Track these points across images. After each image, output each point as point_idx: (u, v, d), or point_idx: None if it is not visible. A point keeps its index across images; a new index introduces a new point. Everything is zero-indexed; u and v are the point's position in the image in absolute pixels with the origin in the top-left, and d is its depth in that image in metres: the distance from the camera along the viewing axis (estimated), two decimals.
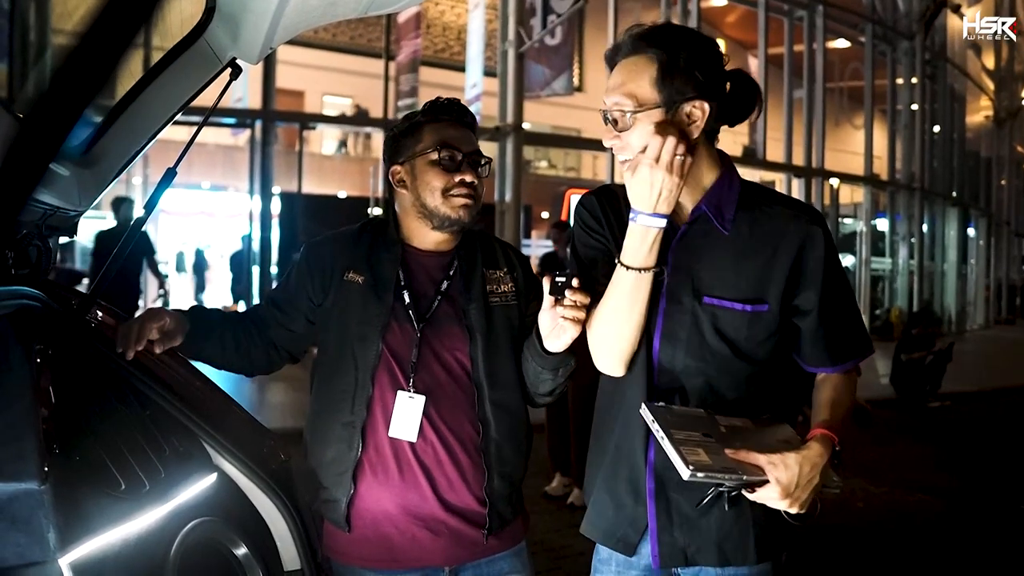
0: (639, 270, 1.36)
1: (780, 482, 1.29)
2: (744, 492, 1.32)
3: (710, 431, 1.33)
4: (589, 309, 1.41)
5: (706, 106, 1.37)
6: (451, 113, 1.68)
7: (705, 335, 1.40)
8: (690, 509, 1.42)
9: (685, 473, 1.25)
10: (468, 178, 1.63)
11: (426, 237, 1.68)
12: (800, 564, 1.53)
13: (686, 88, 1.36)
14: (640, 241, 1.36)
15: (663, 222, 1.35)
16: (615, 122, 1.39)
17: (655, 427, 1.31)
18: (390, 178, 1.70)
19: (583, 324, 1.42)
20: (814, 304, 1.42)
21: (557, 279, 1.38)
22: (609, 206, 1.49)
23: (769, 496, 1.31)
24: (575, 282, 1.38)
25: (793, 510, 1.32)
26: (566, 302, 1.38)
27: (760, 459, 1.31)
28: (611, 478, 1.48)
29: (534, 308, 1.45)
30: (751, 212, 1.43)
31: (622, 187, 1.51)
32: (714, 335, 1.40)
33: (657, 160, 1.32)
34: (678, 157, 1.32)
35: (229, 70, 1.67)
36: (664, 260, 1.40)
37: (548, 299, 1.39)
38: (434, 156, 1.63)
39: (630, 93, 1.37)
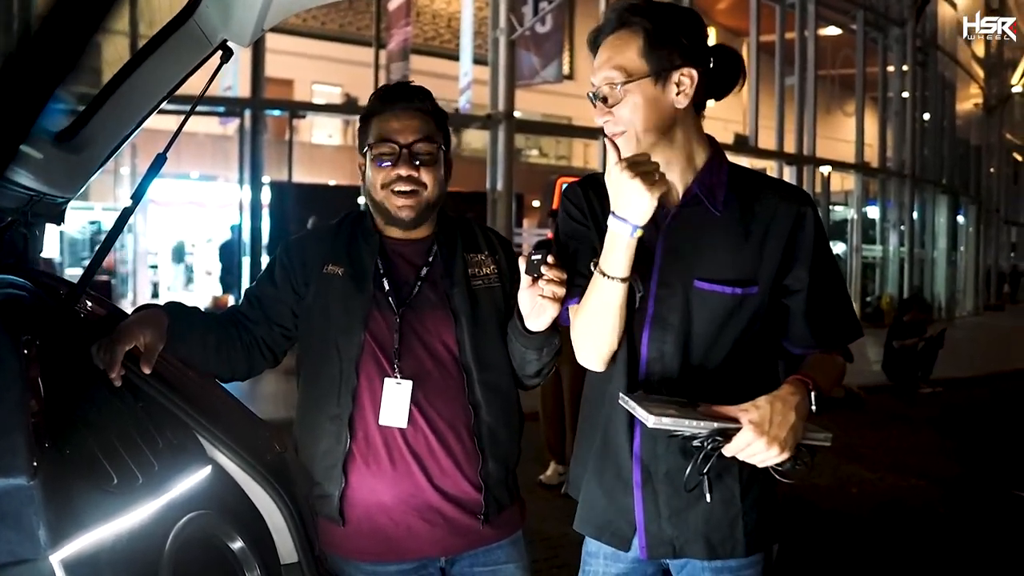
0: (610, 278, 1.34)
1: (752, 421, 1.24)
2: (723, 451, 1.26)
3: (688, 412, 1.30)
4: (568, 288, 1.40)
5: (694, 73, 1.37)
6: (397, 99, 1.65)
7: (694, 320, 1.39)
8: (678, 500, 1.40)
9: (649, 421, 1.23)
10: (403, 172, 1.61)
11: (391, 229, 1.67)
12: (795, 550, 1.50)
13: (673, 56, 1.36)
14: (610, 245, 1.34)
15: (629, 228, 1.31)
16: (604, 99, 1.38)
17: (629, 404, 1.30)
18: (359, 169, 1.70)
19: (563, 301, 1.41)
20: (804, 283, 1.41)
21: (532, 257, 1.36)
22: (595, 195, 1.48)
23: (745, 439, 1.24)
24: (550, 259, 1.36)
25: (774, 453, 1.24)
26: (543, 280, 1.37)
27: (731, 409, 1.28)
28: (600, 470, 1.47)
29: (519, 290, 1.44)
30: (741, 193, 1.43)
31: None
32: (703, 320, 1.39)
33: (627, 165, 1.29)
34: (651, 171, 1.30)
35: (220, 53, 1.63)
36: (651, 258, 1.38)
37: (526, 278, 1.38)
38: (374, 152, 1.62)
39: (618, 66, 1.36)
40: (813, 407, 1.30)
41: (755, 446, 1.24)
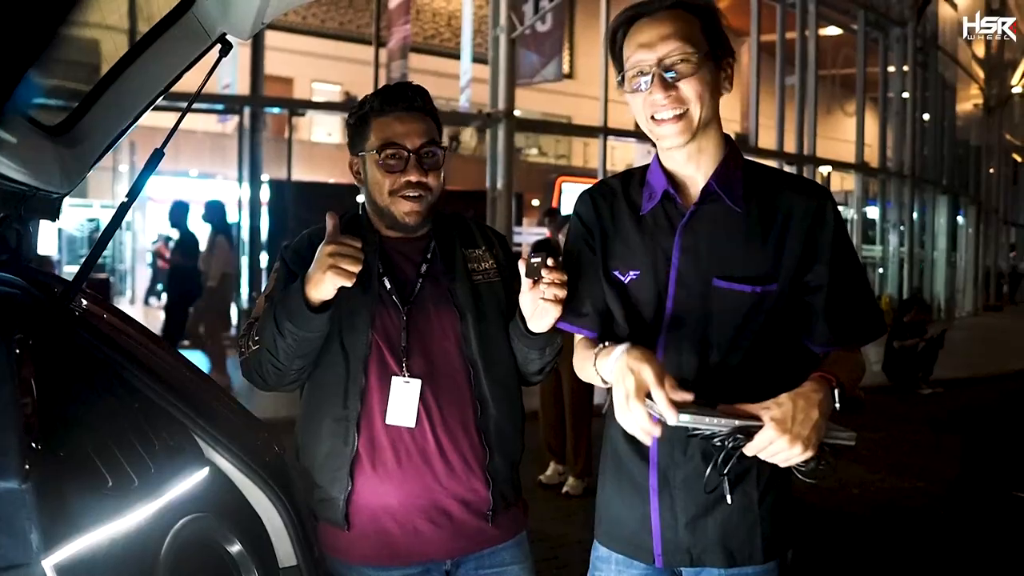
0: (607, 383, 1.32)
1: (774, 419, 1.20)
2: (744, 449, 1.23)
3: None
4: (569, 308, 1.39)
5: (732, 61, 1.38)
6: (400, 101, 1.61)
7: (712, 320, 1.36)
8: (695, 508, 1.38)
9: (671, 419, 1.20)
10: (413, 178, 1.58)
11: (389, 230, 1.65)
12: (795, 550, 1.48)
13: (720, 44, 1.36)
14: (603, 368, 1.32)
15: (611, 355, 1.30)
16: (661, 77, 1.31)
17: (648, 403, 1.26)
18: (350, 168, 1.67)
19: (562, 316, 1.39)
20: (824, 279, 1.38)
21: (532, 260, 1.34)
22: (605, 203, 1.46)
23: (767, 438, 1.20)
24: (550, 261, 1.34)
25: (797, 452, 1.20)
26: (544, 283, 1.35)
27: (752, 407, 1.24)
28: (617, 479, 1.45)
29: (519, 284, 1.43)
30: (757, 189, 1.40)
31: (618, 179, 1.49)
32: (721, 320, 1.36)
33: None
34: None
35: (219, 47, 1.59)
36: (668, 257, 1.37)
37: (526, 281, 1.37)
38: (380, 156, 1.59)
39: (688, 38, 1.32)
40: (837, 405, 1.26)
41: (777, 444, 1.20)
